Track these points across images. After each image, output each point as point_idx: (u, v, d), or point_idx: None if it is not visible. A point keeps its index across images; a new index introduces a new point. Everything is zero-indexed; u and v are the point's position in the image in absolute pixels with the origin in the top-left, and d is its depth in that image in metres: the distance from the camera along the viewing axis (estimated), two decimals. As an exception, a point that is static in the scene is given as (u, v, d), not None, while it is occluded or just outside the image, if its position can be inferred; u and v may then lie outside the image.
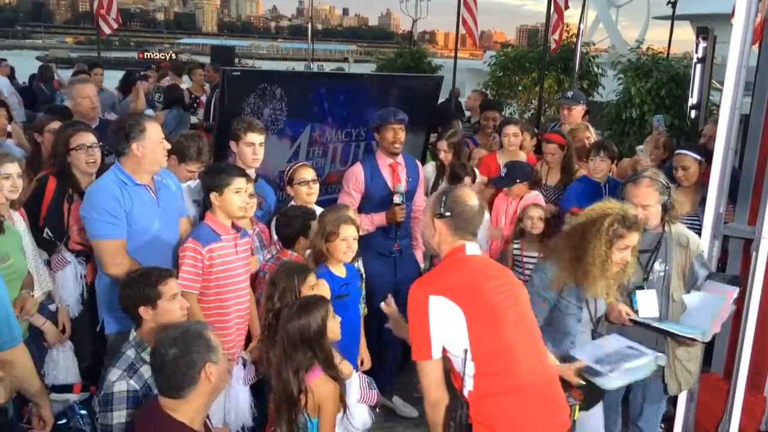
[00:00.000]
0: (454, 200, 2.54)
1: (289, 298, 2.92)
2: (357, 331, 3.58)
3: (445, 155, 4.97)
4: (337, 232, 3.31)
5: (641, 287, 3.30)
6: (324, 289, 3.17)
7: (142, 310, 2.59)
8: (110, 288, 3.15)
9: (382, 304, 2.98)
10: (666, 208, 3.28)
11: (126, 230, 3.15)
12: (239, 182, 3.21)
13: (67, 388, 3.05)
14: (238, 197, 3.21)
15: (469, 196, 2.57)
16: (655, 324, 3.17)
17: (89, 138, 3.68)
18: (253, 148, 3.76)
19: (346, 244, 3.34)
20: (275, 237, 3.72)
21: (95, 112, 5.06)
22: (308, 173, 3.91)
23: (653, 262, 3.32)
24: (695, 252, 3.29)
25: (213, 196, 3.19)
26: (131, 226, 3.17)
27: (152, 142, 3.17)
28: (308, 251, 3.54)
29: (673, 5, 14.51)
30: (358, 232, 3.52)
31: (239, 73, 4.51)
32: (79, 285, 3.60)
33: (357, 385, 3.01)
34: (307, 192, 3.88)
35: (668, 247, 3.30)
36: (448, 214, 2.51)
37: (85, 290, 3.62)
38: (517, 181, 4.51)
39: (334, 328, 2.78)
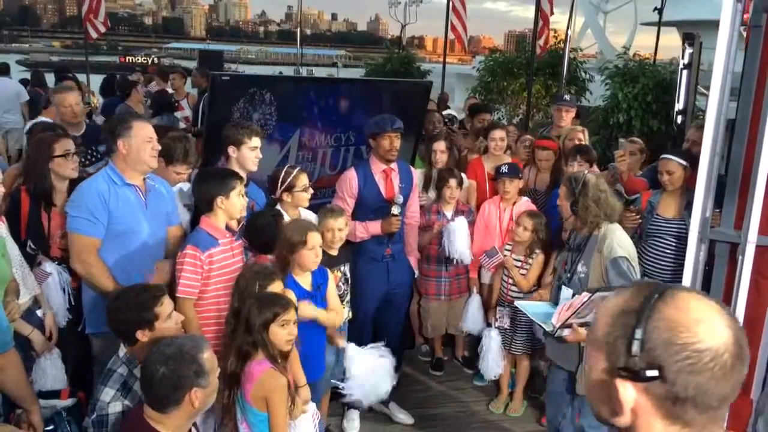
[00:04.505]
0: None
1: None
2: (322, 339, 3.53)
3: (441, 155, 4.99)
4: (305, 240, 3.28)
5: (566, 284, 3.48)
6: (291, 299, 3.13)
7: (139, 333, 2.51)
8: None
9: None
10: (575, 212, 3.38)
11: (103, 231, 3.16)
12: (241, 185, 3.35)
13: (54, 394, 3.02)
14: (241, 199, 3.34)
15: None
16: (524, 306, 3.57)
17: (71, 144, 3.60)
18: (256, 152, 3.77)
19: (314, 253, 3.33)
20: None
21: (78, 119, 5.00)
22: (306, 179, 3.87)
23: (577, 263, 3.43)
24: (607, 257, 3.29)
25: (220, 200, 3.24)
26: (116, 225, 3.19)
27: (137, 140, 3.21)
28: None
29: (660, 12, 14.59)
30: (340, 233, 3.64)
31: (228, 78, 4.50)
32: (64, 295, 3.51)
33: (309, 423, 2.99)
34: (307, 198, 3.86)
35: (590, 251, 3.38)
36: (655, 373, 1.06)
37: (71, 299, 3.53)
38: (520, 176, 4.69)
39: (278, 334, 2.78)
